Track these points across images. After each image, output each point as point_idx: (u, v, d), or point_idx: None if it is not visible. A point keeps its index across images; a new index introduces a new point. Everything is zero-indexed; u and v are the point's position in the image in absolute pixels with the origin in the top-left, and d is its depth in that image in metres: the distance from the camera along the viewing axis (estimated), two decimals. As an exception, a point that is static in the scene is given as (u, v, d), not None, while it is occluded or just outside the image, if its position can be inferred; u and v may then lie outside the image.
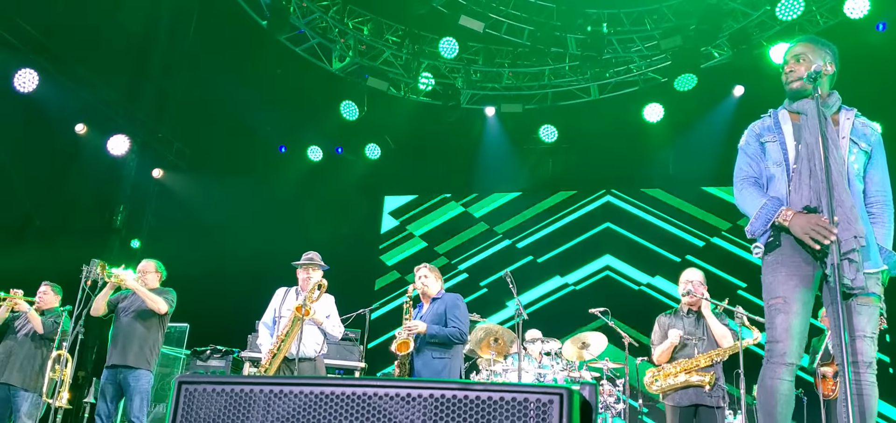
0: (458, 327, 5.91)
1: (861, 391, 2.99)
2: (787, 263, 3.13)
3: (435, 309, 6.06)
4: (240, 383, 2.09)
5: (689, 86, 10.43)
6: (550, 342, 7.91)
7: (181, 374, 2.79)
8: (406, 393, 1.94)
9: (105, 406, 6.38)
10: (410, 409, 1.93)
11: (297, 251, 6.43)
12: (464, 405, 1.88)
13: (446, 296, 6.18)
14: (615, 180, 12.02)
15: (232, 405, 2.07)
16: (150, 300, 6.45)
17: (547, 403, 1.79)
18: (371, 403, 1.96)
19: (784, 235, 3.14)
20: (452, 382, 1.92)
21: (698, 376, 5.58)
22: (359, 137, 12.60)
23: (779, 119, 3.37)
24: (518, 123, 12.05)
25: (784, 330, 3.08)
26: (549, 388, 1.81)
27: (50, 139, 10.17)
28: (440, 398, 1.90)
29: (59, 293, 7.26)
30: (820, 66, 3.20)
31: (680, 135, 11.32)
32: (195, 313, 9.46)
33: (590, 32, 10.56)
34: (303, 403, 2.01)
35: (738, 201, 3.36)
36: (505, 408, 1.84)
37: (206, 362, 8.83)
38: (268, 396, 2.05)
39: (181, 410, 2.10)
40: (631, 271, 11.49)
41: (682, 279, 6.01)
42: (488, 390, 1.87)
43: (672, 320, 5.95)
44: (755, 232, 3.18)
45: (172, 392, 2.14)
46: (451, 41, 10.80)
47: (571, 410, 1.75)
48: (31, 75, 9.17)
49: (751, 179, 3.33)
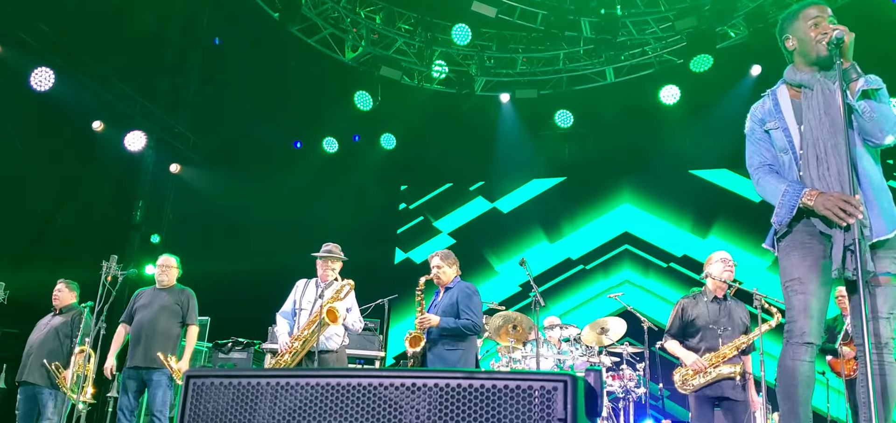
0: (471, 319, 5.81)
1: (880, 371, 2.95)
2: (801, 245, 3.08)
3: (448, 298, 5.97)
4: (247, 376, 2.10)
5: (705, 67, 10.31)
6: (569, 328, 7.88)
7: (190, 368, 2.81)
8: (411, 383, 1.93)
9: (128, 401, 6.49)
10: (416, 398, 1.92)
11: (315, 242, 6.42)
12: (469, 393, 1.87)
13: (460, 285, 6.06)
14: (632, 164, 11.91)
15: (240, 397, 2.07)
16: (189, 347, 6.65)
17: (551, 390, 1.77)
18: (377, 393, 1.96)
19: (796, 222, 3.09)
20: (457, 371, 1.90)
21: (728, 367, 5.46)
22: (374, 128, 12.59)
23: (778, 100, 3.25)
24: (533, 108, 11.97)
25: (801, 310, 3.04)
26: (553, 375, 1.79)
27: (68, 137, 10.26)
28: (445, 387, 1.89)
29: (76, 290, 7.34)
30: (842, 32, 2.98)
31: (697, 117, 11.18)
32: (216, 306, 9.53)
33: (604, 15, 10.45)
34: (310, 395, 2.01)
35: (758, 191, 3.26)
36: (509, 396, 1.83)
37: (228, 354, 8.89)
38: (275, 388, 2.05)
39: (190, 404, 2.11)
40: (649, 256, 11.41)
41: (717, 259, 5.75)
42: (493, 378, 1.86)
43: (695, 305, 5.73)
44: (782, 221, 3.07)
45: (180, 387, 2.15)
46: (463, 28, 10.73)
47: (576, 396, 1.73)
48: (47, 74, 9.24)
49: (766, 166, 3.22)
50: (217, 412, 2.08)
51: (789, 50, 3.27)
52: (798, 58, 3.23)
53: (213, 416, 2.08)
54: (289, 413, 2.02)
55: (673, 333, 5.80)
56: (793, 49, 3.24)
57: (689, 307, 5.75)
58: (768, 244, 3.30)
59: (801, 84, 3.16)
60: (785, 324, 3.14)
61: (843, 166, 2.91)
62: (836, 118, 2.99)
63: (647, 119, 11.57)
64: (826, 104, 3.03)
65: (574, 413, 1.74)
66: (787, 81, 3.26)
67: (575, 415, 1.76)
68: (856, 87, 3.00)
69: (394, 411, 1.95)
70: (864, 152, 3.06)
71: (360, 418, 1.97)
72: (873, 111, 2.97)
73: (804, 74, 3.17)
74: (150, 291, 6.83)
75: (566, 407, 1.74)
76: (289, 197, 12.41)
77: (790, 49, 3.26)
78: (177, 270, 6.94)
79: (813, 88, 3.09)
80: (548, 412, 1.80)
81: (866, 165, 3.04)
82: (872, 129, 2.99)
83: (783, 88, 3.26)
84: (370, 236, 12.15)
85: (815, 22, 3.14)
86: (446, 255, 6.17)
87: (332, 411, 2.00)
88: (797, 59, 3.24)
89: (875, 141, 3.02)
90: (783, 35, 3.29)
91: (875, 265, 2.96)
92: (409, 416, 1.93)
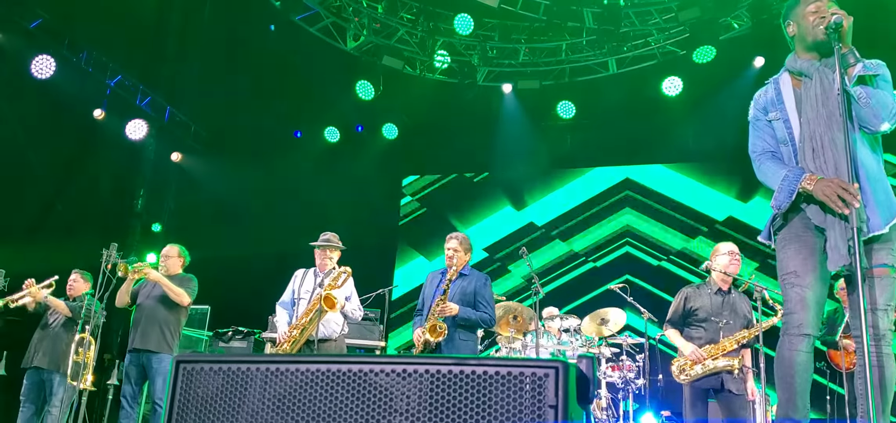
0: (489, 313, 5.73)
1: (878, 363, 2.96)
2: (797, 238, 3.10)
3: (462, 286, 5.83)
4: (237, 361, 2.09)
5: (708, 58, 10.26)
6: (569, 319, 7.88)
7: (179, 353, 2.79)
8: (402, 369, 1.92)
9: (130, 388, 6.53)
10: (407, 385, 1.90)
11: (317, 232, 6.42)
12: (460, 379, 1.86)
13: (474, 274, 5.95)
14: (634, 155, 11.87)
15: (229, 383, 2.06)
16: (173, 292, 6.53)
17: (542, 377, 1.76)
18: (367, 379, 1.94)
19: (792, 215, 3.11)
20: (448, 357, 1.89)
21: (725, 360, 5.44)
22: (376, 117, 12.56)
23: (780, 89, 3.24)
24: (536, 99, 11.92)
25: (798, 302, 3.06)
26: (544, 362, 1.78)
27: (68, 125, 10.25)
28: (436, 373, 1.88)
29: (89, 280, 7.38)
30: (841, 16, 2.98)
31: (700, 108, 11.13)
32: (216, 294, 9.55)
33: (606, 5, 10.40)
34: (299, 380, 2.00)
35: (759, 177, 3.27)
36: (501, 382, 1.81)
37: (229, 343, 8.91)
38: (264, 374, 2.04)
39: (180, 389, 2.10)
40: (650, 247, 11.39)
41: (724, 251, 5.70)
42: (484, 365, 1.85)
43: (698, 294, 5.70)
44: (781, 205, 3.08)
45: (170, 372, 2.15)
46: (466, 18, 10.69)
47: (567, 383, 1.72)
48: (48, 62, 9.23)
49: (768, 153, 3.23)
50: (207, 398, 2.08)
51: (791, 36, 3.27)
52: (798, 44, 3.24)
53: (202, 401, 2.08)
54: (279, 399, 2.02)
55: (674, 321, 5.78)
56: (794, 35, 3.25)
57: (691, 297, 5.73)
58: (764, 238, 3.31)
59: (801, 72, 3.15)
60: (783, 315, 3.15)
61: (839, 159, 2.90)
62: (834, 110, 2.97)
63: (650, 110, 11.52)
64: (823, 95, 3.02)
65: (565, 400, 1.73)
66: (788, 69, 3.25)
67: (566, 402, 1.75)
68: (853, 72, 3.00)
69: (384, 397, 1.94)
70: (862, 142, 3.05)
71: (351, 404, 1.96)
72: (869, 97, 2.96)
73: (804, 62, 3.16)
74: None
75: (557, 394, 1.72)
76: (290, 186, 12.40)
77: (791, 35, 3.26)
78: (180, 259, 6.94)
79: (812, 77, 3.08)
80: (539, 399, 1.79)
81: (863, 156, 3.03)
82: (867, 115, 2.98)
83: (786, 76, 3.26)
84: (371, 225, 12.14)
85: (815, 7, 3.13)
86: (463, 239, 5.95)
87: (322, 397, 1.99)
88: (798, 46, 3.25)
89: (871, 127, 3.01)
90: (785, 21, 3.30)
91: (871, 257, 2.96)
92: (399, 402, 1.92)
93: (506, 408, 1.81)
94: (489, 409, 1.83)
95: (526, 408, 1.79)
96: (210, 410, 2.04)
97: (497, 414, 1.81)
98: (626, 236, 11.59)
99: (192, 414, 2.05)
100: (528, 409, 1.78)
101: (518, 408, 1.80)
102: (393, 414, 1.90)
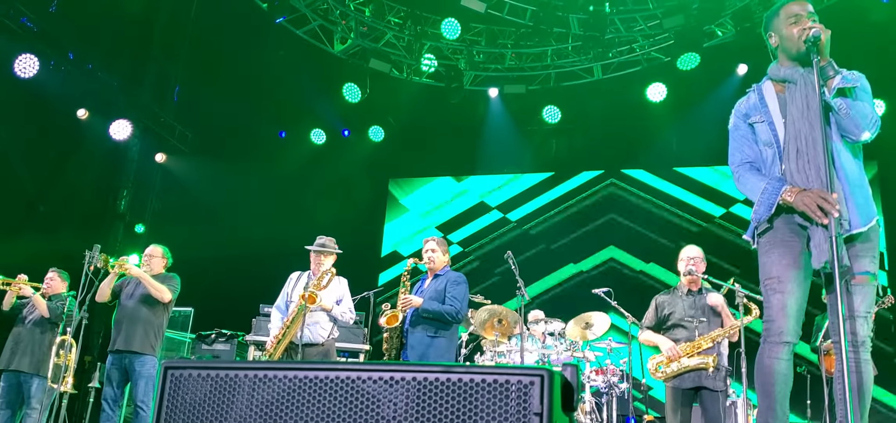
0: (455, 306, 5.83)
1: (856, 369, 3.00)
2: (780, 244, 3.11)
3: (436, 285, 6.00)
4: (225, 368, 2.10)
5: (692, 65, 10.36)
6: (554, 323, 7.90)
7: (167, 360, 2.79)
8: (389, 376, 1.94)
9: (112, 391, 6.43)
10: (394, 392, 1.92)
11: (302, 234, 6.41)
12: (447, 387, 1.88)
13: (449, 273, 6.10)
14: (619, 161, 11.95)
15: (217, 389, 2.07)
16: (154, 289, 6.47)
17: (528, 384, 1.79)
18: (355, 386, 1.96)
19: (776, 217, 3.12)
20: (435, 365, 1.91)
21: (699, 358, 5.52)
22: (362, 120, 12.56)
23: (763, 95, 3.28)
24: (521, 104, 11.97)
25: (779, 309, 3.08)
26: (530, 370, 1.81)
27: (52, 125, 10.17)
28: (423, 381, 1.90)
29: (67, 279, 7.29)
30: (819, 30, 3.02)
31: (683, 114, 11.23)
32: (200, 296, 9.49)
33: (592, 12, 10.47)
34: (287, 387, 2.01)
35: (739, 188, 3.31)
36: (487, 390, 1.84)
37: (212, 346, 8.85)
38: (253, 381, 2.05)
39: (167, 395, 2.11)
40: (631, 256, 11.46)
41: (683, 256, 5.90)
42: (470, 373, 1.87)
43: (670, 300, 5.84)
44: (761, 217, 3.10)
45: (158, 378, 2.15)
46: (453, 22, 10.74)
47: (552, 391, 1.75)
48: (32, 61, 9.15)
49: (747, 164, 3.26)
50: (195, 404, 2.08)
51: (773, 47, 3.31)
52: (781, 54, 3.28)
53: (190, 408, 2.08)
54: (266, 406, 2.03)
55: (648, 326, 5.91)
56: (776, 46, 3.29)
57: (664, 303, 5.88)
58: (748, 236, 3.33)
59: (784, 79, 3.20)
60: (763, 322, 3.18)
61: (821, 161, 2.93)
62: (819, 112, 3.02)
63: (634, 116, 11.61)
64: (808, 98, 3.06)
65: (549, 408, 1.76)
66: (771, 77, 3.30)
67: (551, 410, 1.78)
68: (833, 84, 3.04)
69: (372, 404, 1.96)
70: (842, 148, 3.10)
71: (338, 411, 1.98)
72: (849, 109, 3.01)
73: (787, 70, 3.20)
74: (135, 280, 6.79)
75: (542, 402, 1.75)
76: (276, 188, 12.37)
77: (773, 46, 3.31)
78: (162, 259, 6.88)
79: (796, 82, 3.13)
80: (524, 407, 1.82)
81: (844, 160, 3.07)
82: (849, 125, 3.03)
83: (768, 84, 3.30)
84: (357, 228, 12.12)
85: (796, 19, 3.17)
86: (440, 241, 6.27)
87: (309, 404, 2.00)
88: (780, 56, 3.29)
89: (852, 137, 3.06)
90: (767, 32, 3.34)
91: (854, 263, 3.00)
92: (386, 410, 1.94)
93: (492, 415, 1.84)
94: (475, 416, 1.85)
95: (511, 415, 1.81)
96: (198, 416, 2.05)
97: (483, 421, 1.84)
98: (610, 241, 11.66)
99: (179, 421, 2.05)
100: (514, 416, 1.81)
101: (504, 416, 1.82)
102: (380, 421, 1.92)
